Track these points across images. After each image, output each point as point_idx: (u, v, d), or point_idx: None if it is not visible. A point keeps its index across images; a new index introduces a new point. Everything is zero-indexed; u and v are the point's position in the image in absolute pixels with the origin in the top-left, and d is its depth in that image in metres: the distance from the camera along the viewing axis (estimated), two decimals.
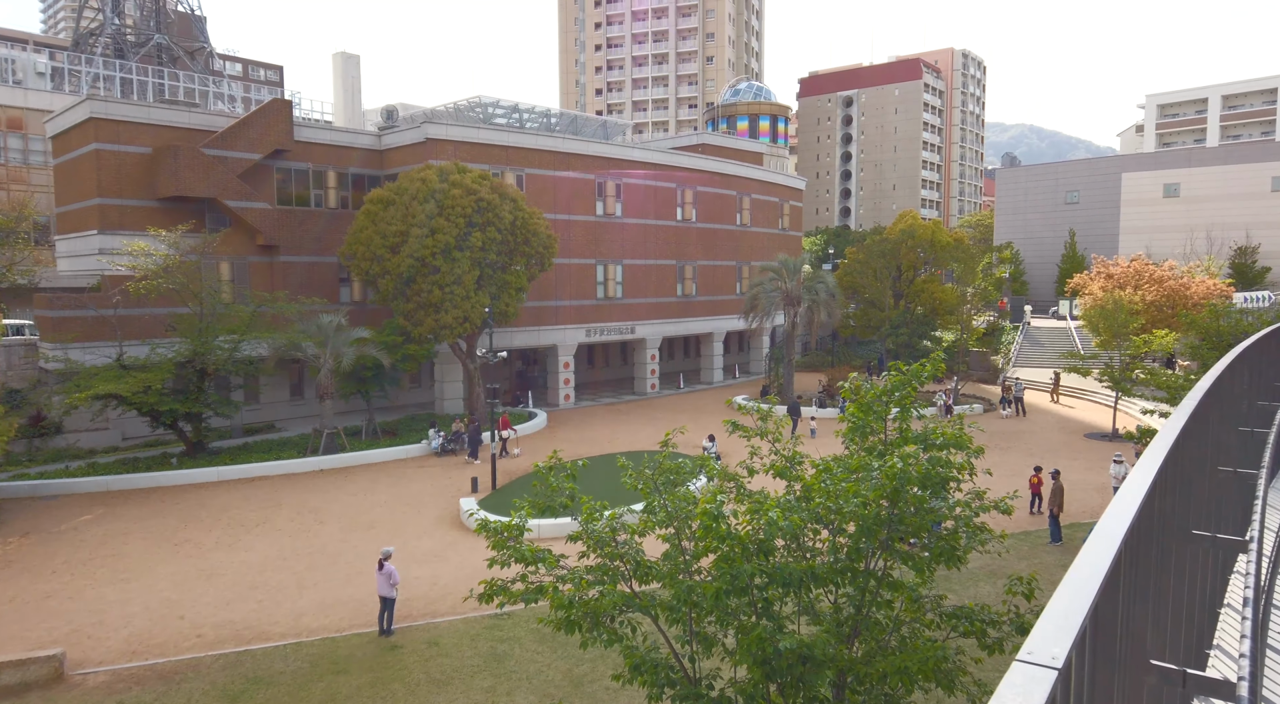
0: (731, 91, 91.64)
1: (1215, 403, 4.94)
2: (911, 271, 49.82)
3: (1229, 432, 5.77)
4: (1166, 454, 2.64)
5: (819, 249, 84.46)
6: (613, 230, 46.41)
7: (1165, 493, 2.63)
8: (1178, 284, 46.29)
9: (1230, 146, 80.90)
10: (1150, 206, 73.77)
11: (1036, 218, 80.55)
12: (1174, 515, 3.34)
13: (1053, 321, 65.13)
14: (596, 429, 37.16)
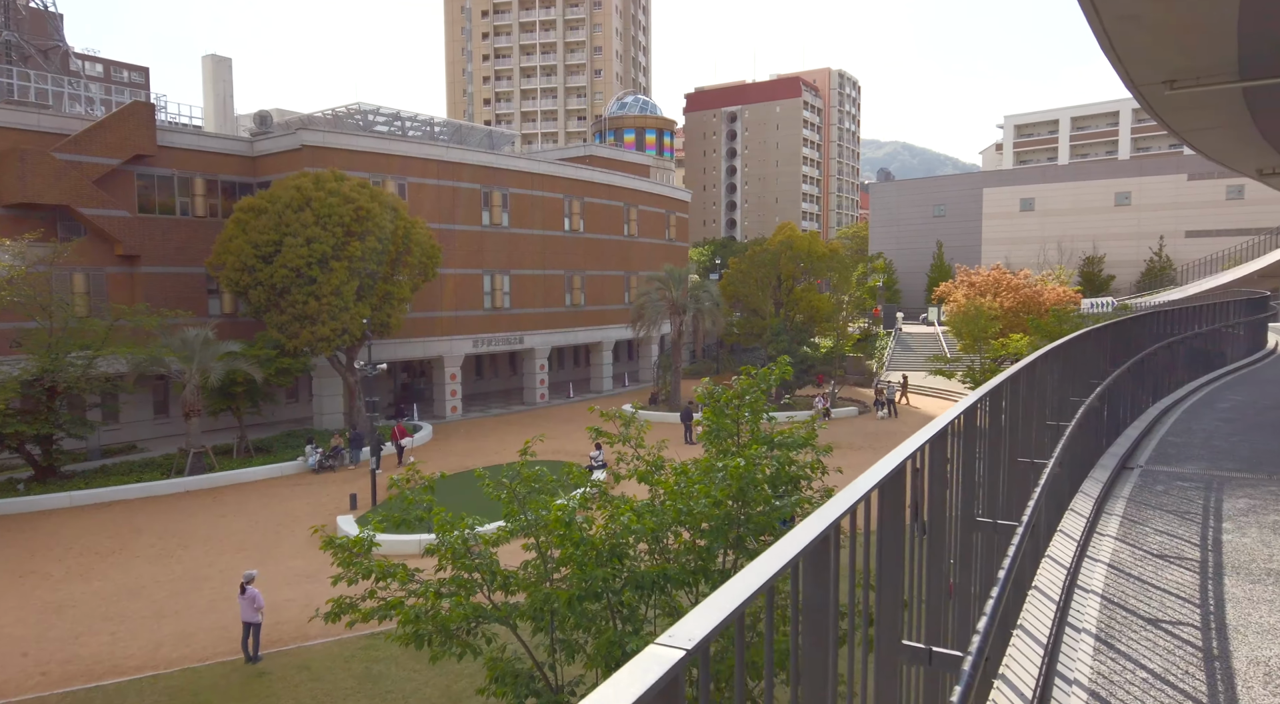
0: (618, 104, 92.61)
1: (1022, 396, 5.45)
2: (791, 281, 51.53)
3: (1038, 426, 6.35)
4: (926, 447, 2.95)
5: (706, 259, 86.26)
6: (500, 240, 46.10)
7: (936, 482, 2.94)
8: (1032, 292, 49.59)
9: (1078, 165, 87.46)
10: (1009, 219, 78.82)
11: (908, 229, 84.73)
12: (960, 504, 3.71)
13: (923, 327, 68.62)
14: (484, 440, 36.75)
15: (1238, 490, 7.87)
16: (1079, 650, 4.46)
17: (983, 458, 4.02)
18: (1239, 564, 5.79)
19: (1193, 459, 9.38)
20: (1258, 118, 11.86)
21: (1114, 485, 8.19)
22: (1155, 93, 9.75)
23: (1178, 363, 16.90)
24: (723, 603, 1.32)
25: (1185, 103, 10.70)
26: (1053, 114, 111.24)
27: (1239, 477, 8.45)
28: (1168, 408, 13.71)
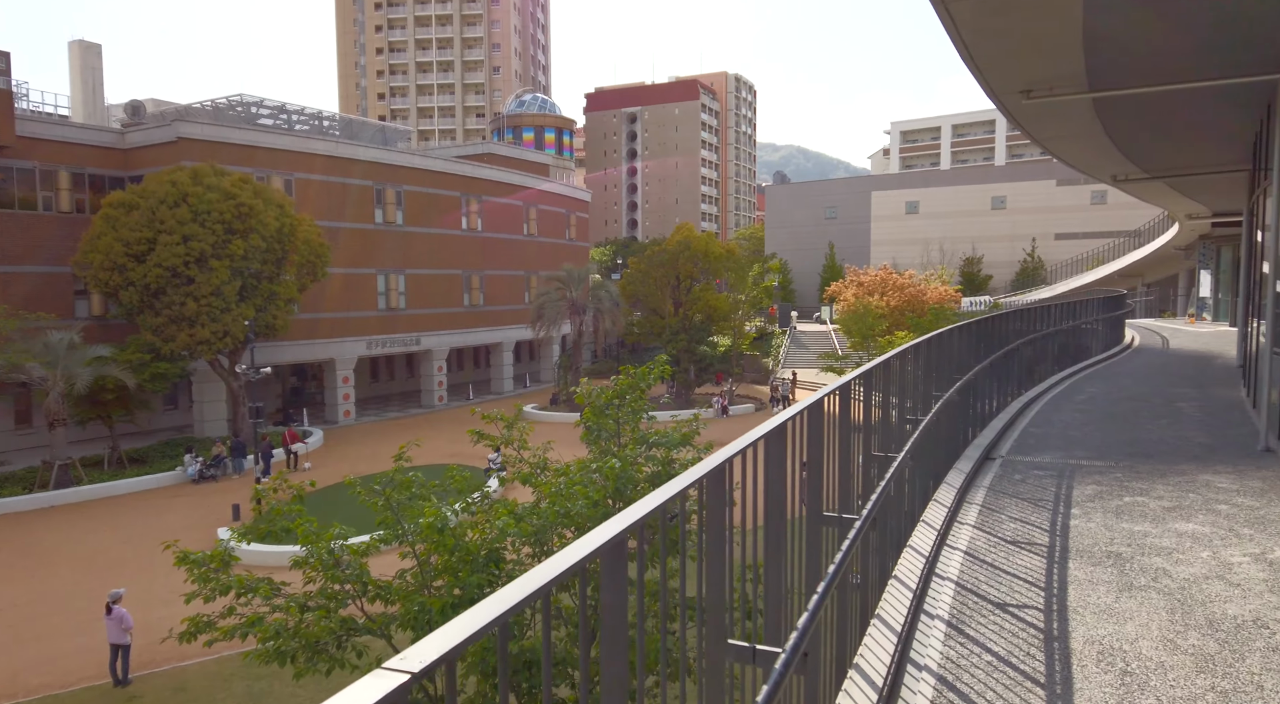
0: (517, 102, 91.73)
1: (880, 392, 5.64)
2: (689, 281, 52.18)
3: (898, 421, 6.60)
4: (760, 443, 3.01)
5: (608, 259, 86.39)
6: (394, 239, 44.95)
7: (775, 479, 3.00)
8: (916, 291, 51.78)
9: (958, 170, 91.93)
10: (896, 222, 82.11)
11: (801, 231, 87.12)
12: (807, 499, 3.80)
13: (816, 326, 70.63)
14: (380, 445, 35.71)
15: (1087, 478, 8.41)
16: (931, 637, 4.67)
17: (833, 453, 4.14)
18: (1083, 548, 6.18)
19: (1050, 449, 9.98)
20: (1108, 127, 12.72)
21: (977, 475, 8.62)
22: (1014, 102, 10.33)
23: (1045, 357, 17.95)
24: (471, 621, 1.28)
25: (1042, 112, 11.37)
26: (935, 121, 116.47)
27: (1089, 464, 9.03)
28: (1032, 399, 14.54)
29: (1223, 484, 8.05)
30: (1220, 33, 8.43)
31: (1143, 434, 10.87)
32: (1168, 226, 43.46)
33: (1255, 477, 8.36)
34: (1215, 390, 15.31)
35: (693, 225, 55.80)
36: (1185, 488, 7.92)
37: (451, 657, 1.18)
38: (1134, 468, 8.83)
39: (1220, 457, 9.37)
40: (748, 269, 55.33)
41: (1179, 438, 10.57)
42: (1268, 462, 9.07)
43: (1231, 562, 5.79)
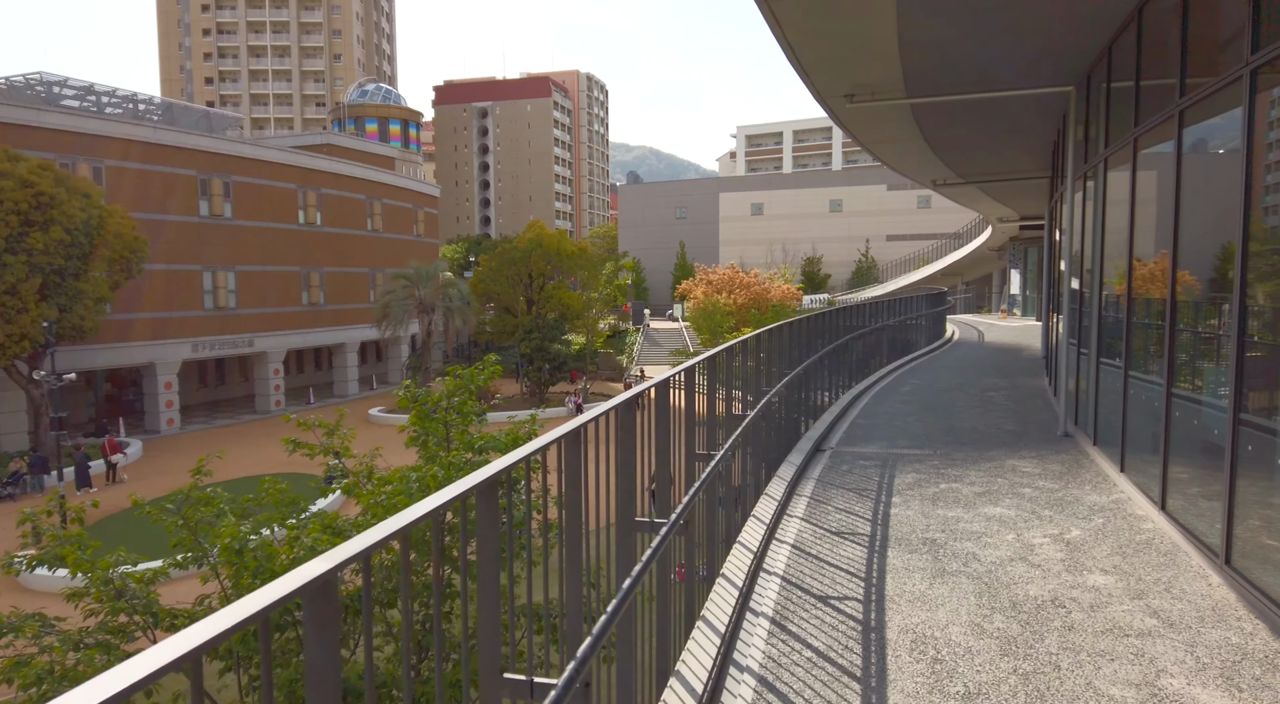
0: (359, 91, 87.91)
1: (705, 388, 5.58)
2: (542, 279, 51.75)
3: (728, 418, 6.60)
4: (554, 446, 2.80)
5: (460, 257, 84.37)
6: (223, 233, 41.93)
7: (571, 483, 2.80)
8: (761, 289, 53.69)
9: (799, 173, 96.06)
10: (742, 223, 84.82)
11: (654, 230, 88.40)
12: (619, 505, 3.63)
13: (669, 323, 71.88)
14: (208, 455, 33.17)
15: (908, 466, 8.79)
16: (755, 635, 4.64)
17: (649, 454, 4.00)
18: (901, 536, 6.39)
19: (876, 439, 10.40)
20: (926, 133, 13.47)
21: (808, 467, 8.83)
22: (839, 105, 10.72)
23: (875, 350, 18.87)
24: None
25: (866, 116, 11.88)
26: (778, 127, 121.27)
27: (910, 453, 9.47)
28: (863, 391, 15.22)
29: (1027, 469, 8.61)
30: (1021, 46, 9.03)
31: (959, 422, 11.55)
32: (983, 229, 47.03)
33: (1055, 460, 9.01)
34: (1022, 380, 16.57)
35: (544, 223, 55.36)
36: (994, 473, 8.42)
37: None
38: (950, 455, 9.32)
39: (1025, 442, 10.06)
40: (601, 267, 55.54)
41: (990, 425, 11.30)
42: (1066, 446, 9.81)
43: (1033, 543, 6.15)
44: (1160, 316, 7.15)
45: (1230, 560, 5.15)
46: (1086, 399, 9.96)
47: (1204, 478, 6.11)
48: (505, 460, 2.31)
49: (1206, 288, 6.55)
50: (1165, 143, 6.81)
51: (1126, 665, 4.12)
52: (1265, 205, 5.38)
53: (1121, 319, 8.19)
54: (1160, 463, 6.66)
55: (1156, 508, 6.65)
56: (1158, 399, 6.87)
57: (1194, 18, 6.23)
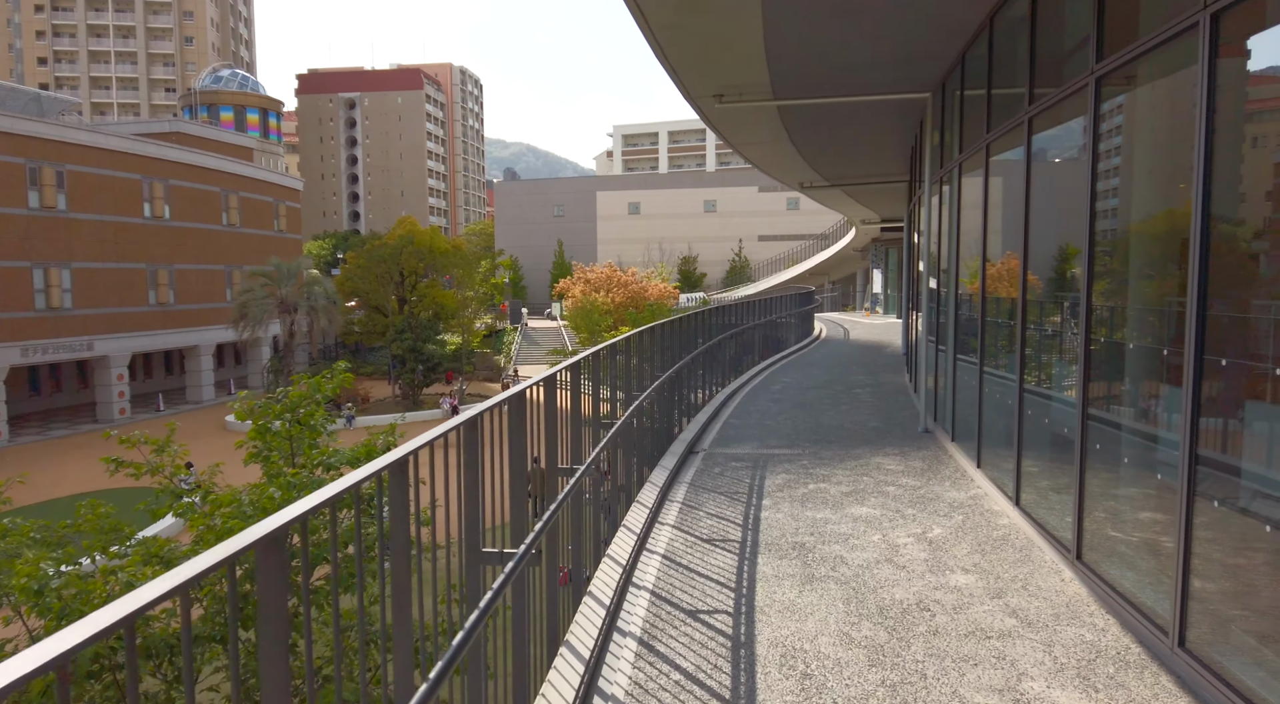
0: (213, 77, 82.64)
1: (566, 395, 5.28)
2: (414, 277, 50.13)
3: (594, 426, 6.35)
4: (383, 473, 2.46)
5: (327, 253, 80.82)
6: (55, 227, 38.37)
7: (398, 511, 2.45)
8: (639, 287, 53.91)
9: (675, 174, 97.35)
10: (620, 221, 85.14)
11: (531, 228, 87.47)
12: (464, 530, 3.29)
13: (548, 322, 71.29)
14: (36, 470, 30.20)
15: (779, 467, 8.80)
16: (621, 658, 4.39)
17: (501, 474, 3.68)
18: (772, 541, 6.31)
19: (747, 439, 10.41)
20: (793, 135, 13.69)
21: (680, 471, 8.70)
22: (708, 105, 10.68)
23: (749, 349, 19.12)
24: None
25: (735, 117, 11.91)
26: (653, 127, 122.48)
27: (781, 453, 9.50)
28: (736, 389, 15.33)
29: (891, 466, 8.78)
30: (882, 52, 9.21)
31: (827, 420, 11.75)
32: (847, 231, 48.89)
33: (917, 457, 9.24)
34: (885, 377, 17.16)
35: (416, 219, 53.69)
36: (860, 472, 8.53)
37: None
38: (818, 454, 9.41)
39: (889, 439, 10.30)
40: (476, 265, 54.34)
41: (856, 422, 11.54)
42: (926, 442, 10.11)
43: (898, 543, 6.19)
44: (1011, 315, 7.40)
45: (1081, 555, 5.31)
46: (944, 396, 10.30)
47: (1055, 473, 6.33)
48: (308, 502, 1.95)
49: (1055, 288, 6.80)
50: (1015, 149, 7.04)
51: (989, 670, 4.12)
52: (1108, 209, 5.59)
53: (976, 317, 8.47)
54: (1014, 458, 6.87)
55: (1011, 503, 6.86)
56: (1010, 395, 7.10)
57: (1041, 28, 6.43)
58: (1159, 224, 4.86)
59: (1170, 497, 4.17)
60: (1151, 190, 5.11)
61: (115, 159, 41.65)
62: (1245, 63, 3.91)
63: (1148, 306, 5.01)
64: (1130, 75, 4.96)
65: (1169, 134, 4.78)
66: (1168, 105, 4.82)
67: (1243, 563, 3.86)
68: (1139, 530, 4.89)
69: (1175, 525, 4.01)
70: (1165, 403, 4.57)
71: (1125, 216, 5.47)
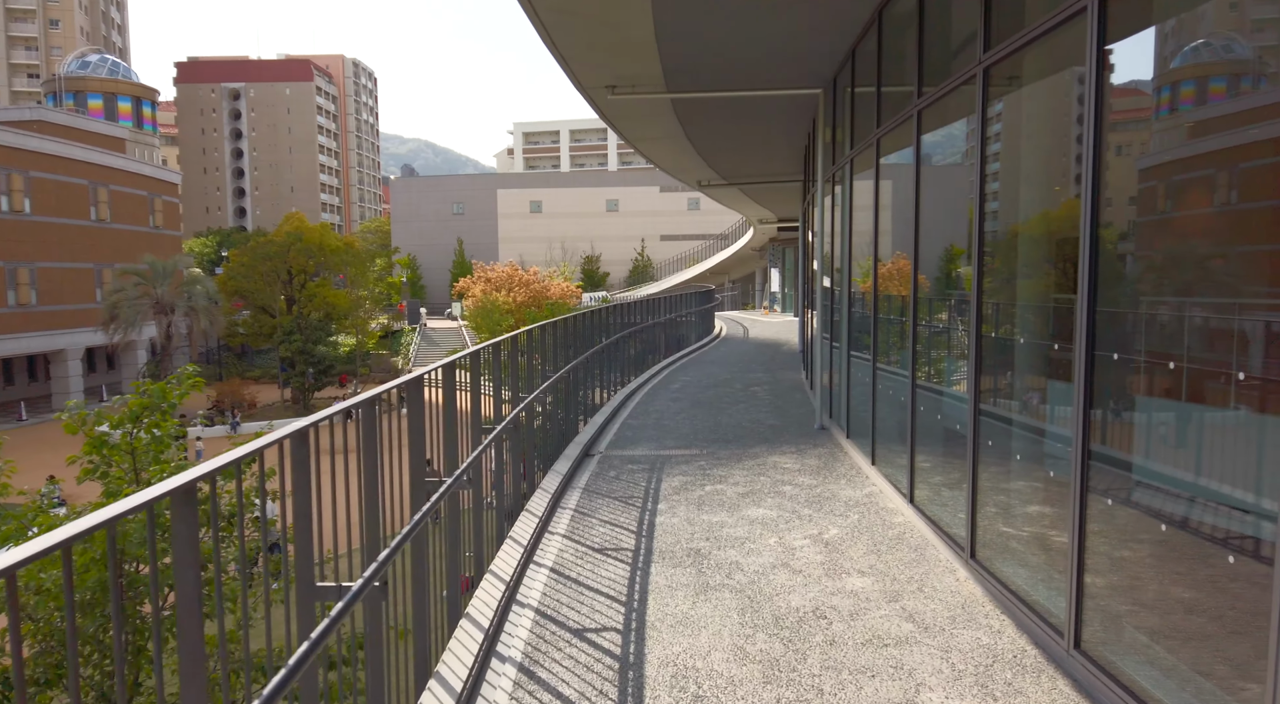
0: (79, 63, 77.14)
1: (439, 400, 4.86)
2: (303, 276, 48.04)
3: (474, 432, 5.93)
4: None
5: (211, 251, 76.69)
6: None
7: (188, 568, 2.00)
8: (541, 287, 53.26)
9: (577, 173, 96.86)
10: (521, 220, 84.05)
11: (430, 225, 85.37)
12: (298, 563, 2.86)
13: (448, 322, 69.65)
14: None
15: (676, 468, 8.55)
16: (499, 688, 4.01)
17: (351, 489, 3.25)
18: (666, 548, 6.03)
19: (645, 440, 10.14)
20: (689, 131, 13.53)
21: (575, 475, 8.35)
22: (601, 97, 10.36)
23: (650, 347, 18.93)
24: None
25: (629, 111, 11.63)
26: (555, 125, 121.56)
27: (678, 454, 9.27)
28: (637, 388, 15.09)
29: (788, 465, 8.66)
30: (774, 47, 9.08)
31: (725, 418, 11.61)
32: (746, 230, 49.59)
33: (813, 455, 9.16)
34: (783, 374, 17.25)
35: (305, 216, 51.48)
36: (757, 471, 8.37)
37: None
38: (715, 454, 9.22)
39: (786, 437, 10.22)
40: (370, 263, 52.50)
41: (753, 420, 11.45)
42: (822, 439, 10.07)
43: (794, 546, 6.01)
44: (903, 312, 7.37)
45: (975, 553, 5.24)
46: (839, 392, 10.30)
47: (947, 470, 6.28)
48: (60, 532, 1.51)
49: (945, 284, 6.78)
50: (904, 149, 7.00)
51: (887, 682, 3.93)
52: (999, 205, 5.55)
53: (868, 315, 8.44)
54: (908, 455, 6.82)
55: (906, 501, 6.80)
56: (903, 391, 7.05)
57: (930, 21, 6.38)
58: (1050, 220, 4.81)
59: (1062, 492, 4.09)
60: (1043, 186, 5.08)
61: None
62: (1129, 48, 3.85)
63: (1036, 302, 4.97)
64: (1017, 66, 4.89)
65: (1057, 129, 4.74)
66: (1058, 98, 4.77)
67: (1133, 558, 3.80)
68: (1031, 526, 4.83)
69: (1070, 522, 3.91)
70: (1055, 398, 4.51)
71: (1013, 212, 5.44)
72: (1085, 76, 3.80)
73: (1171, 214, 3.72)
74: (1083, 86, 3.83)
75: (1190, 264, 3.60)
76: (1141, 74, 3.82)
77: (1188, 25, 3.63)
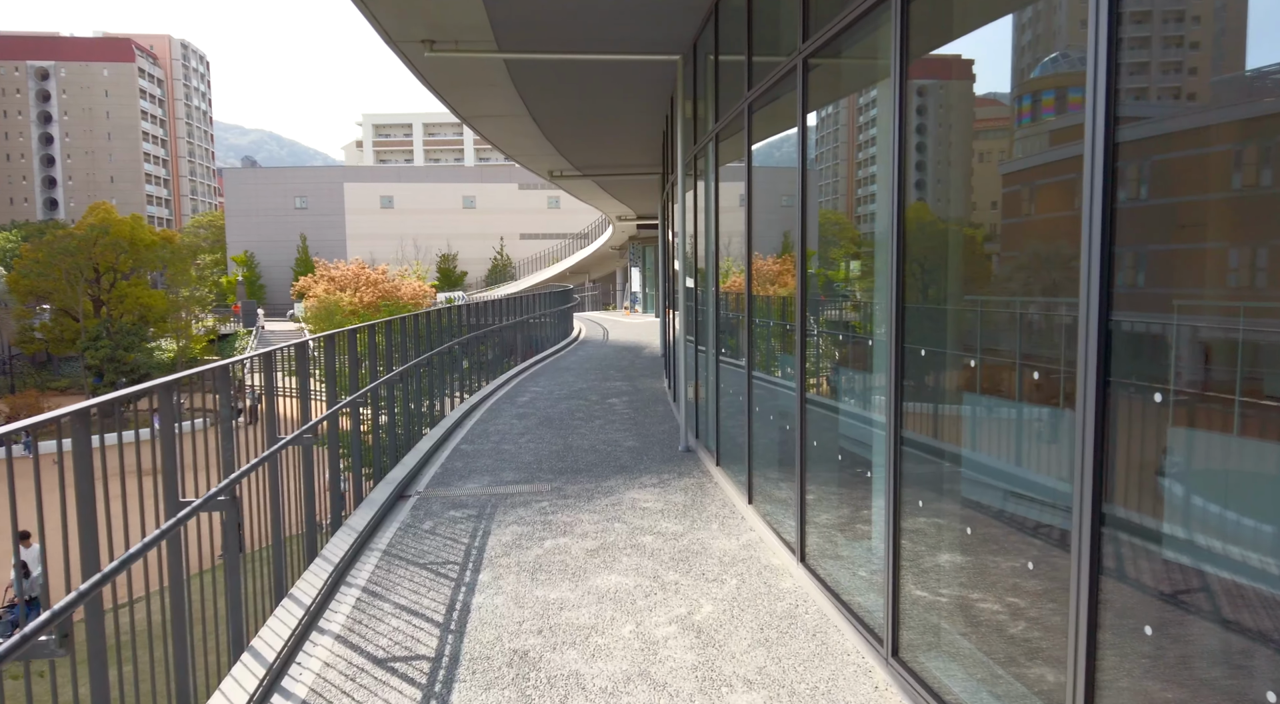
0: None
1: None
2: (113, 274, 42.85)
3: (223, 464, 4.08)
4: None
5: (14, 246, 68.22)
6: None
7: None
8: (390, 286, 50.05)
9: (432, 167, 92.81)
10: (371, 216, 79.54)
11: (270, 220, 79.50)
12: None
13: (289, 324, 64.76)
14: None
15: (510, 514, 6.86)
16: None
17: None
18: (480, 653, 4.34)
19: (479, 471, 8.37)
20: (533, 109, 11.82)
21: (379, 528, 6.50)
22: (415, 53, 8.49)
23: (500, 352, 17.07)
24: None
25: (457, 75, 9.81)
26: (408, 118, 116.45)
27: (516, 492, 7.57)
28: (481, 400, 13.27)
29: (649, 503, 7.14)
30: (622, 2, 7.53)
31: (577, 439, 10.00)
32: (606, 229, 48.32)
33: (678, 487, 7.69)
34: (644, 382, 15.83)
35: (110, 206, 46.02)
36: (612, 514, 6.80)
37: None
38: (563, 490, 7.59)
39: (646, 464, 8.72)
40: (191, 260, 47.57)
41: (609, 442, 9.89)
42: (688, 465, 8.63)
43: (658, 637, 4.46)
44: (785, 312, 6.00)
45: (898, 650, 3.84)
46: (706, 407, 8.91)
47: (852, 516, 4.91)
48: None
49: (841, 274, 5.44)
50: (788, 111, 5.62)
51: None
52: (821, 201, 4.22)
53: (742, 314, 7.05)
54: (795, 492, 5.38)
55: (794, 557, 5.39)
56: (789, 406, 5.65)
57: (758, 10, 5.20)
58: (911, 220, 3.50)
59: (1057, 559, 2.72)
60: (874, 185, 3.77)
61: None
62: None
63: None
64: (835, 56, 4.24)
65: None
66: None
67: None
68: (993, 607, 3.45)
69: (1071, 609, 2.53)
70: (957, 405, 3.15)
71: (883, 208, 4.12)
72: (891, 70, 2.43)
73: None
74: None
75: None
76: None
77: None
